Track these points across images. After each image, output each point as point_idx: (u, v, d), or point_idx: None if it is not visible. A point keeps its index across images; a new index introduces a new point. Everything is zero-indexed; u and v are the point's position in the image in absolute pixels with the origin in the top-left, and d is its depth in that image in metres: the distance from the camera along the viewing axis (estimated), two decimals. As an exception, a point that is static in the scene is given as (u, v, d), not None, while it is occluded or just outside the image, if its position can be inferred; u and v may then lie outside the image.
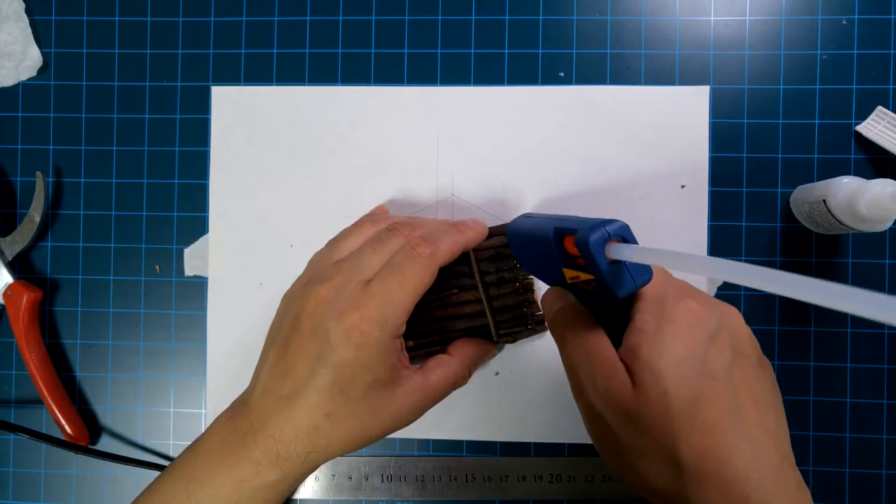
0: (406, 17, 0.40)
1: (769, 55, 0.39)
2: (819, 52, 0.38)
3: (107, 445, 0.40)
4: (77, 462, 0.40)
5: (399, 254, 0.31)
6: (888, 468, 0.38)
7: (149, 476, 0.36)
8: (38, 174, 0.40)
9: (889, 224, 0.33)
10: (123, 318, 0.41)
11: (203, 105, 0.40)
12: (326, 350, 0.28)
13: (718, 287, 0.39)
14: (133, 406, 0.40)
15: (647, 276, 0.24)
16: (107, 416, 0.41)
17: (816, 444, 0.38)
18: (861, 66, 0.38)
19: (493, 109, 0.39)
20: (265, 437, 0.29)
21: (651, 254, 0.22)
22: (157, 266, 0.40)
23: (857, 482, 0.38)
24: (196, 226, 0.40)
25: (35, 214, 0.40)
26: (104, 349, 0.41)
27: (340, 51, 0.40)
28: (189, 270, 0.40)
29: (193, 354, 0.40)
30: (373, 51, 0.40)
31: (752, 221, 0.39)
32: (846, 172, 0.37)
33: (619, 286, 0.24)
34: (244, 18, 0.40)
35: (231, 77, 0.40)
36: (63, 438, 0.39)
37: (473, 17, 0.40)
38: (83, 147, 0.41)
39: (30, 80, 0.41)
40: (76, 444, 0.38)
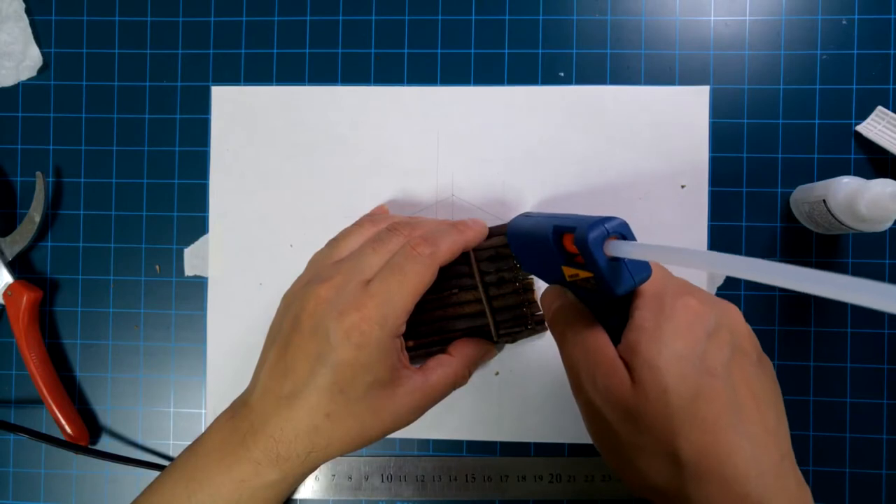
0: (406, 17, 0.40)
1: (769, 55, 0.39)
2: (819, 52, 0.39)
3: (107, 445, 0.40)
4: (77, 462, 0.40)
5: (399, 254, 0.31)
6: (888, 468, 0.38)
7: (149, 476, 0.36)
8: (38, 174, 0.40)
9: (889, 224, 0.33)
10: (123, 318, 0.41)
11: (203, 105, 0.40)
12: (326, 350, 0.28)
13: (719, 287, 0.39)
14: (133, 406, 0.40)
15: (646, 274, 0.24)
16: (107, 416, 0.41)
17: (816, 444, 0.38)
18: (861, 66, 0.38)
19: (493, 109, 0.39)
20: (265, 437, 0.29)
21: (649, 250, 0.22)
22: (157, 266, 0.40)
23: (857, 482, 0.38)
24: (196, 226, 0.40)
25: (35, 214, 0.40)
26: (104, 349, 0.41)
27: (340, 51, 0.40)
28: (189, 270, 0.40)
29: (193, 354, 0.40)
30: (373, 51, 0.40)
31: (752, 221, 0.39)
32: (846, 172, 0.37)
33: (618, 283, 0.24)
34: (244, 18, 0.40)
35: (231, 77, 0.40)
36: (63, 438, 0.39)
37: (473, 17, 0.40)
38: (83, 147, 0.41)
39: (30, 80, 0.41)
40: (76, 444, 0.38)
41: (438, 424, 0.39)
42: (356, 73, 0.40)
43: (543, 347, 0.38)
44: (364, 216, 0.36)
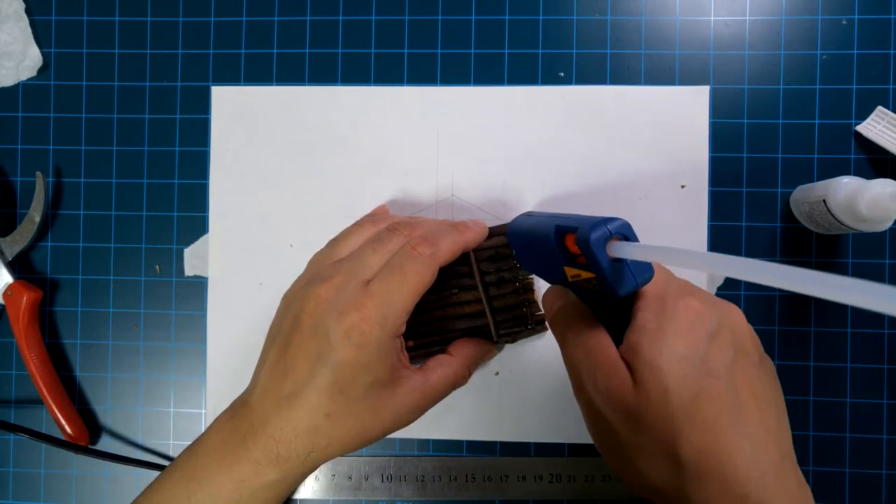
0: (406, 17, 0.40)
1: (769, 55, 0.39)
2: (819, 52, 0.38)
3: (107, 445, 0.40)
4: (77, 462, 0.40)
5: (399, 254, 0.31)
6: (888, 468, 0.38)
7: (149, 476, 0.36)
8: (38, 174, 0.40)
9: (889, 224, 0.33)
10: (123, 318, 0.41)
11: (203, 105, 0.40)
12: (326, 350, 0.28)
13: (719, 287, 0.39)
14: (133, 406, 0.40)
15: (649, 275, 0.24)
16: (107, 416, 0.41)
17: (816, 444, 0.38)
18: (861, 66, 0.38)
19: (493, 109, 0.39)
20: (265, 437, 0.29)
21: (652, 251, 0.22)
22: (157, 266, 0.40)
23: (857, 482, 0.38)
24: (196, 226, 0.40)
25: (35, 214, 0.40)
26: (104, 349, 0.41)
27: (340, 51, 0.40)
28: (189, 270, 0.40)
29: (193, 354, 0.40)
30: (373, 51, 0.40)
31: (752, 221, 0.39)
32: (846, 172, 0.37)
33: (621, 284, 0.24)
34: (244, 18, 0.40)
35: (231, 77, 0.40)
36: (63, 438, 0.39)
37: (473, 17, 0.40)
38: (83, 147, 0.41)
39: (30, 80, 0.41)
40: (76, 444, 0.38)
41: (438, 424, 0.39)
42: (356, 73, 0.40)
43: (543, 347, 0.38)
44: (364, 216, 0.36)
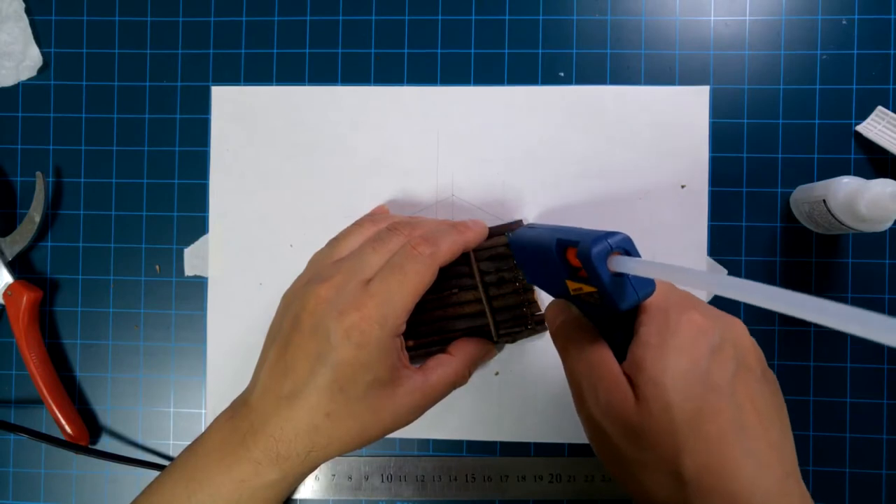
0: (406, 17, 0.40)
1: (769, 55, 0.39)
2: (819, 52, 0.39)
3: (107, 445, 0.40)
4: (77, 462, 0.40)
5: (399, 253, 0.31)
6: (888, 468, 0.38)
7: (149, 476, 0.36)
8: (38, 174, 0.40)
9: (889, 224, 0.33)
10: (123, 318, 0.41)
11: (203, 105, 0.40)
12: (326, 349, 0.28)
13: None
14: (133, 406, 0.40)
15: (650, 289, 0.24)
16: (107, 416, 0.41)
17: (816, 444, 0.38)
18: (861, 66, 0.38)
19: (493, 109, 0.39)
20: (265, 437, 0.29)
21: (653, 267, 0.22)
22: (157, 266, 0.40)
23: (857, 482, 0.38)
24: (196, 226, 0.40)
25: (35, 214, 0.40)
26: (104, 349, 0.41)
27: (340, 51, 0.40)
28: (189, 270, 0.40)
29: (193, 354, 0.40)
30: (373, 51, 0.40)
31: (752, 221, 0.39)
32: (846, 172, 0.37)
33: (622, 298, 0.24)
34: (244, 18, 0.40)
35: (231, 77, 0.40)
36: (63, 438, 0.39)
37: (473, 17, 0.40)
38: (83, 147, 0.41)
39: (30, 80, 0.41)
40: (76, 444, 0.38)
41: (438, 424, 0.39)
42: (356, 73, 0.40)
43: (543, 347, 0.38)
44: (364, 216, 0.36)
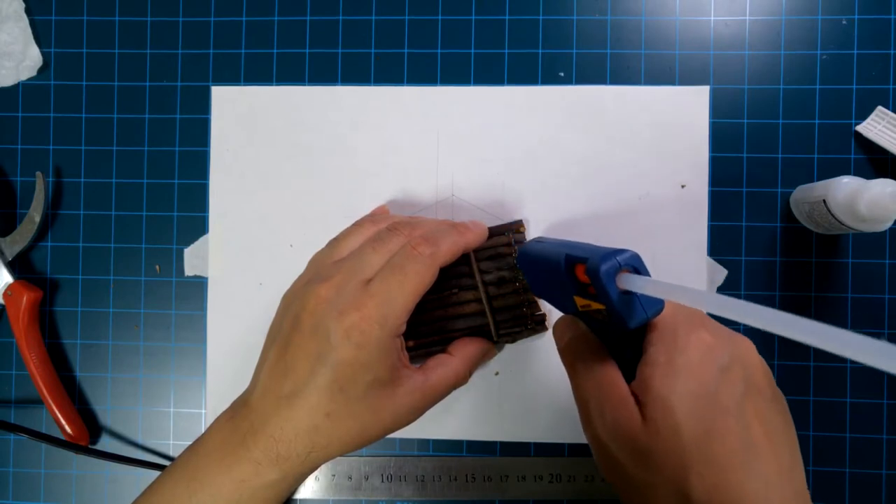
0: (406, 17, 0.40)
1: (769, 55, 0.39)
2: (819, 52, 0.39)
3: (107, 445, 0.40)
4: (77, 462, 0.40)
5: (399, 253, 0.31)
6: (888, 468, 0.38)
7: (149, 476, 0.36)
8: (38, 174, 0.40)
9: (889, 224, 0.33)
10: (123, 318, 0.41)
11: (203, 105, 0.40)
12: (326, 349, 0.28)
13: (719, 286, 0.38)
14: (133, 406, 0.40)
15: (659, 306, 0.24)
16: (107, 416, 0.41)
17: (816, 444, 0.38)
18: (861, 66, 0.38)
19: (493, 109, 0.39)
20: (265, 437, 0.29)
21: (661, 287, 0.22)
22: (157, 266, 0.40)
23: (857, 482, 0.38)
24: (196, 226, 0.40)
25: (35, 214, 0.40)
26: (104, 349, 0.41)
27: (340, 51, 0.40)
28: (189, 270, 0.40)
29: (193, 354, 0.40)
30: (373, 51, 0.40)
31: (752, 221, 0.39)
32: (846, 172, 0.37)
33: (631, 316, 0.23)
34: (244, 18, 0.40)
35: (231, 77, 0.40)
36: (63, 438, 0.39)
37: (473, 17, 0.40)
38: (83, 147, 0.41)
39: (30, 80, 0.41)
40: (76, 444, 0.38)
41: (438, 424, 0.39)
42: (356, 73, 0.40)
43: (543, 347, 0.38)
44: (364, 216, 0.36)
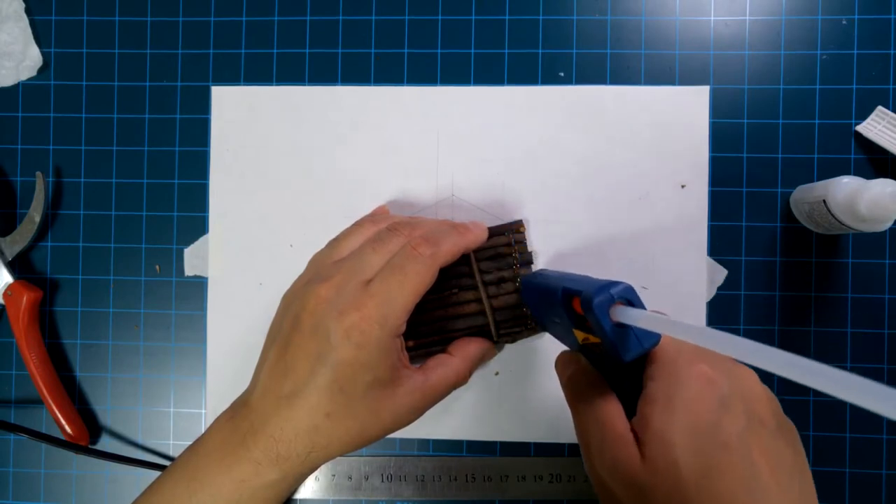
0: (406, 17, 0.40)
1: (769, 55, 0.39)
2: (819, 52, 0.39)
3: (107, 445, 0.40)
4: (77, 462, 0.40)
5: (400, 254, 0.31)
6: (888, 468, 0.38)
7: (149, 476, 0.36)
8: (38, 174, 0.40)
9: (889, 224, 0.33)
10: (123, 318, 0.41)
11: (203, 105, 0.40)
12: (326, 349, 0.28)
13: (719, 287, 0.38)
14: (133, 406, 0.40)
15: (655, 339, 0.24)
16: (107, 416, 0.41)
17: (816, 444, 0.38)
18: (861, 66, 0.38)
19: (493, 109, 0.39)
20: (265, 437, 0.29)
21: (654, 321, 0.21)
22: (157, 266, 0.40)
23: (857, 482, 0.38)
24: (196, 226, 0.40)
25: (35, 214, 0.40)
26: (104, 349, 0.41)
27: (340, 51, 0.40)
28: (189, 270, 0.40)
29: (193, 354, 0.40)
30: (373, 51, 0.40)
31: (752, 221, 0.39)
32: (846, 172, 0.37)
33: (626, 349, 0.23)
34: (244, 18, 0.40)
35: (231, 77, 0.40)
36: (63, 438, 0.39)
37: (473, 17, 0.40)
38: (83, 147, 0.41)
39: (30, 80, 0.41)
40: (76, 444, 0.38)
41: (438, 424, 0.39)
42: (356, 73, 0.40)
43: (543, 347, 0.38)
44: (364, 216, 0.36)
